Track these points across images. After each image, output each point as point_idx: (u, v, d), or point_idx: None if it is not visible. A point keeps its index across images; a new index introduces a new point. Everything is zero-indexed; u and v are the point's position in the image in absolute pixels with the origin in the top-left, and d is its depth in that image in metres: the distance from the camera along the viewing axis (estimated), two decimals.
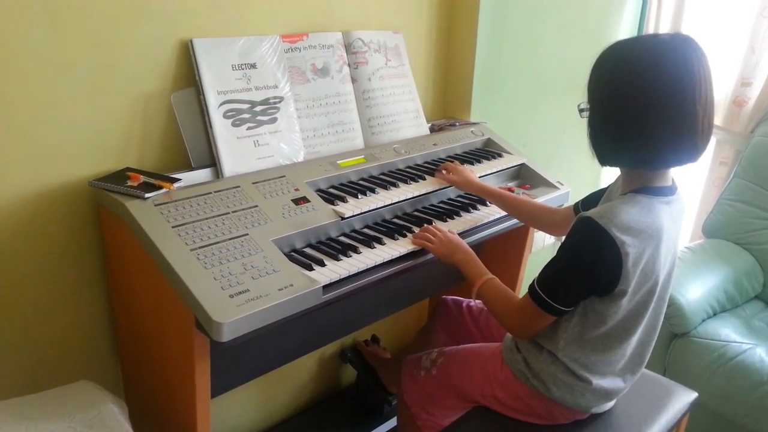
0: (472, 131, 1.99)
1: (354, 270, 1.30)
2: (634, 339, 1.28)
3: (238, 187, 1.39)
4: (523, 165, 1.91)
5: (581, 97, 1.25)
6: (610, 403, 1.40)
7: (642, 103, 1.12)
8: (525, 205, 1.60)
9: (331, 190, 1.55)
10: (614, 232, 1.13)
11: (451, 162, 1.73)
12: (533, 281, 1.24)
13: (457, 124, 2.02)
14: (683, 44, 1.11)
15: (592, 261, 1.17)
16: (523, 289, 1.48)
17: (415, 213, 1.62)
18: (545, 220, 1.56)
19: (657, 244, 1.18)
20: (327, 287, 1.25)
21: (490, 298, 1.34)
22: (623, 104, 1.14)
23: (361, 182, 1.62)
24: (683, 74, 1.10)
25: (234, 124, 1.47)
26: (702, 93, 1.11)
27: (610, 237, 1.13)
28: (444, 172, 1.68)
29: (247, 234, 1.28)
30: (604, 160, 1.22)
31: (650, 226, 1.17)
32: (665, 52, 1.11)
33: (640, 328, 1.26)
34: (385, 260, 1.37)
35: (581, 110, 1.24)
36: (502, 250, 1.95)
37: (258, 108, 1.52)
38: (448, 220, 1.59)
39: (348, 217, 1.44)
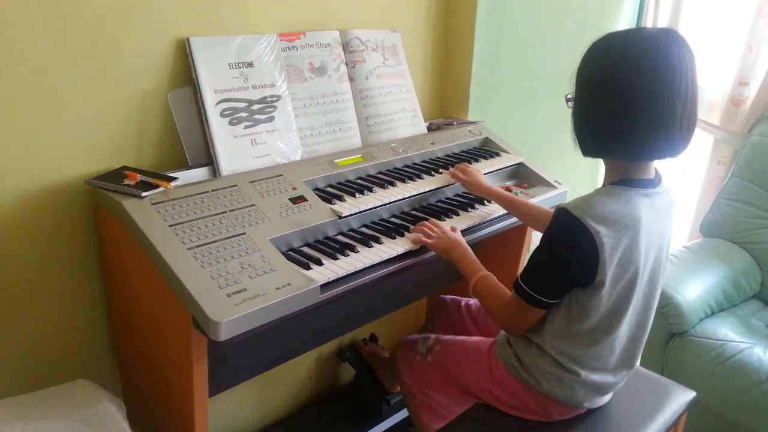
0: (469, 130, 1.99)
1: (352, 269, 1.30)
2: (621, 333, 1.28)
3: (236, 186, 1.39)
4: (521, 164, 1.91)
5: None
6: (605, 398, 1.40)
7: (621, 95, 1.13)
8: (534, 211, 1.60)
9: (329, 189, 1.55)
10: (589, 222, 1.14)
11: (451, 164, 1.73)
12: (518, 276, 1.25)
13: (455, 123, 2.02)
14: (667, 39, 1.13)
15: (569, 251, 1.18)
16: None
17: (413, 212, 1.62)
18: None
19: (634, 235, 1.19)
20: (325, 286, 1.25)
21: (484, 294, 1.35)
22: (604, 94, 1.16)
23: (358, 181, 1.62)
24: (663, 69, 1.11)
25: (231, 123, 1.47)
26: (682, 88, 1.12)
27: (584, 227, 1.14)
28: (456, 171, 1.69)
29: (244, 233, 1.28)
30: (586, 149, 1.24)
31: (626, 217, 1.18)
32: (648, 46, 1.12)
33: (624, 321, 1.27)
34: (383, 259, 1.36)
35: (568, 100, 1.26)
36: (501, 249, 1.95)
37: (255, 107, 1.52)
38: (445, 218, 1.58)
39: (345, 216, 1.44)
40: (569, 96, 1.25)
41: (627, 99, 1.13)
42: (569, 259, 1.19)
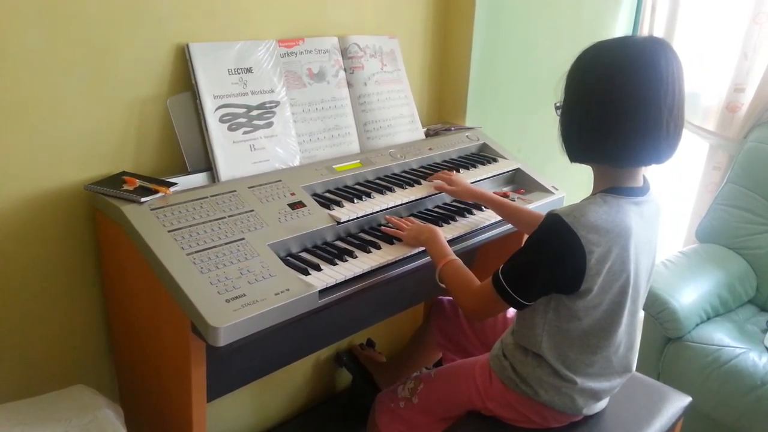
0: (467, 136, 2.00)
1: (350, 274, 1.30)
2: (616, 342, 1.28)
3: (234, 191, 1.40)
4: (518, 170, 1.92)
5: None
6: (602, 404, 1.40)
7: (609, 101, 1.14)
8: (524, 215, 1.60)
9: (327, 195, 1.55)
10: (580, 231, 1.15)
11: (447, 169, 1.73)
12: (497, 269, 1.24)
13: (453, 128, 2.02)
14: (654, 46, 1.14)
15: (556, 258, 1.18)
16: None
17: (411, 217, 1.62)
18: None
19: (625, 243, 1.19)
20: (323, 292, 1.25)
21: (452, 278, 1.34)
22: (591, 101, 1.17)
23: (357, 187, 1.62)
24: (650, 75, 1.12)
25: (230, 129, 1.48)
26: (668, 95, 1.13)
27: (575, 235, 1.15)
28: (439, 181, 1.67)
29: (243, 238, 1.28)
30: (573, 155, 1.25)
31: (618, 225, 1.18)
32: (635, 53, 1.14)
33: (619, 329, 1.27)
34: (381, 265, 1.37)
35: (557, 108, 1.27)
36: (497, 255, 1.94)
37: (254, 112, 1.52)
38: (443, 224, 1.59)
39: (344, 222, 1.45)
40: (558, 104, 1.26)
41: (614, 105, 1.14)
42: (555, 264, 1.18)
